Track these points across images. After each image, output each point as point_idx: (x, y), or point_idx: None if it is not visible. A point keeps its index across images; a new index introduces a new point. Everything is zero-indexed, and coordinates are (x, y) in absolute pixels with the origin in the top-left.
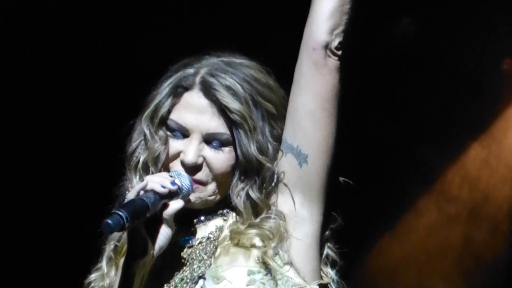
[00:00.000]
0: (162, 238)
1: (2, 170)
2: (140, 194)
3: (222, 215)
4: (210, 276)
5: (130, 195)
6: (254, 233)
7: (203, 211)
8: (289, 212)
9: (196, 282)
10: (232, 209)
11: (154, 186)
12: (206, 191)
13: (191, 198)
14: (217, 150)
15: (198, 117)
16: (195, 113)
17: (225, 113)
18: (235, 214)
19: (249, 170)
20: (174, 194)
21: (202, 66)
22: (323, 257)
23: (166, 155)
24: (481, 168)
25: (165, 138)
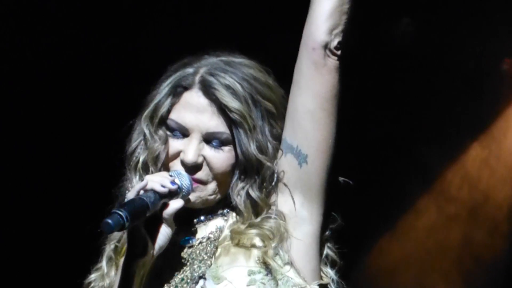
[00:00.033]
0: (162, 237)
1: (2, 170)
2: (140, 193)
3: (222, 215)
4: (211, 276)
5: (130, 195)
6: (254, 233)
7: (203, 211)
8: (289, 212)
9: (196, 282)
10: (232, 209)
11: (154, 185)
12: (206, 191)
13: (191, 198)
14: (217, 149)
15: (198, 116)
16: (195, 112)
17: (224, 112)
18: (235, 214)
19: (249, 169)
20: (174, 193)
21: (202, 65)
22: (323, 257)
23: (166, 155)
24: (481, 168)
25: (164, 137)
